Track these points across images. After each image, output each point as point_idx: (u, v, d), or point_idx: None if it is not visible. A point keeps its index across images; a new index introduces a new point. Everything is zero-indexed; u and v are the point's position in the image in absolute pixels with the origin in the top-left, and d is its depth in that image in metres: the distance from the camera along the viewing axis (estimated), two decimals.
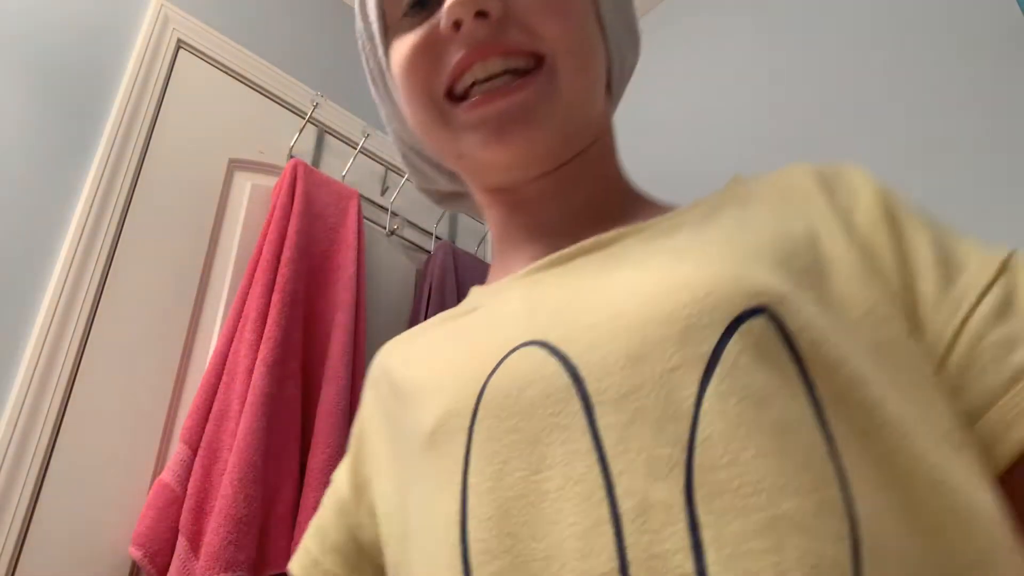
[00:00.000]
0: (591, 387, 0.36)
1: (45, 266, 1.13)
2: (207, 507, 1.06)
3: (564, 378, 0.37)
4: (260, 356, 1.16)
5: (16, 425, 1.01)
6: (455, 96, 0.47)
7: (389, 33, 0.51)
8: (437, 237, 1.76)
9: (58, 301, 1.10)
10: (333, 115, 1.66)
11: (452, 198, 0.62)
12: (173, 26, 1.44)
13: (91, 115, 1.27)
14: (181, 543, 1.03)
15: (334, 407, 1.22)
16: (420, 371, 0.46)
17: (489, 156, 0.47)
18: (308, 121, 1.57)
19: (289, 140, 1.55)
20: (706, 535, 0.31)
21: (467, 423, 0.39)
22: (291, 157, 1.53)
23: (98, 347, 1.13)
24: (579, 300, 0.41)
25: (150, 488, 1.10)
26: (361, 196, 1.61)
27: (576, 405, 0.36)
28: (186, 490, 1.07)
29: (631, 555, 0.31)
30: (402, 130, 0.58)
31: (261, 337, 1.19)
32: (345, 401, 1.24)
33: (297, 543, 1.08)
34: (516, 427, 0.37)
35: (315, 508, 1.11)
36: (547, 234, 0.51)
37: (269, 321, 1.21)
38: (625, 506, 0.32)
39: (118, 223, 1.22)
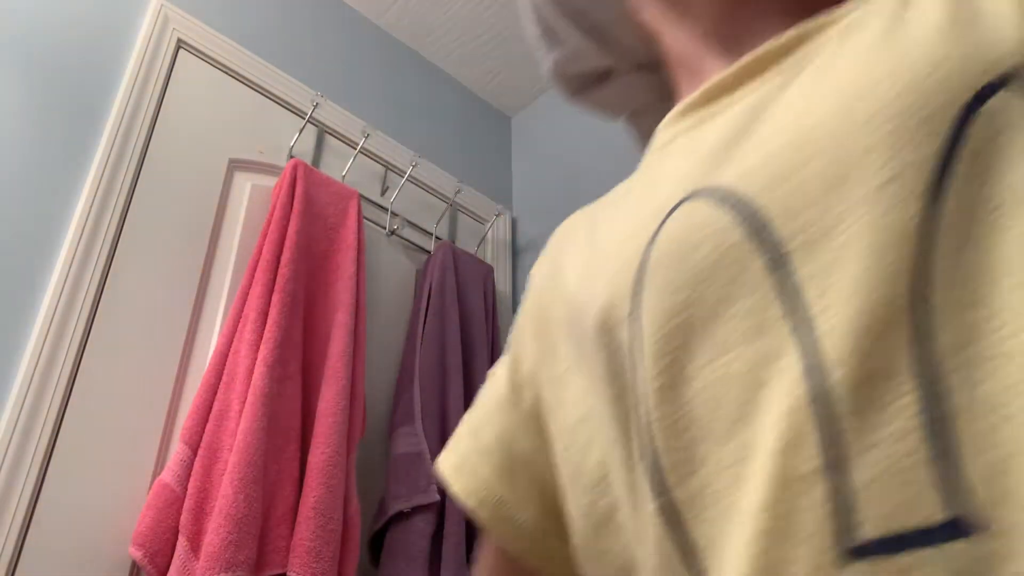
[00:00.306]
0: (780, 231, 0.28)
1: (45, 266, 1.13)
2: (207, 507, 1.06)
3: (739, 231, 0.29)
4: (260, 356, 1.16)
5: (16, 425, 1.01)
6: None
7: None
8: (437, 237, 1.76)
9: (58, 301, 1.10)
10: (333, 115, 1.66)
11: (595, 84, 0.52)
12: (173, 26, 1.44)
13: (91, 115, 1.27)
14: (181, 543, 1.03)
15: (334, 407, 1.22)
16: (584, 254, 0.40)
17: None
18: (308, 121, 1.57)
19: (289, 140, 1.55)
20: (952, 403, 0.22)
21: (627, 311, 0.32)
22: (291, 157, 1.53)
23: (98, 347, 1.13)
24: (752, 127, 0.32)
25: (150, 488, 1.10)
26: (361, 196, 1.61)
27: (758, 262, 0.28)
28: (186, 490, 1.07)
29: (842, 446, 0.24)
30: None
31: (261, 337, 1.19)
32: (345, 401, 1.24)
33: (297, 543, 1.09)
34: (685, 305, 0.30)
35: (315, 508, 1.11)
36: (741, 48, 0.40)
37: (269, 321, 1.21)
38: (831, 381, 0.25)
39: (118, 223, 1.22)
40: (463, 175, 1.93)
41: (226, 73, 1.50)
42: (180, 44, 1.44)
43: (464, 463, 0.44)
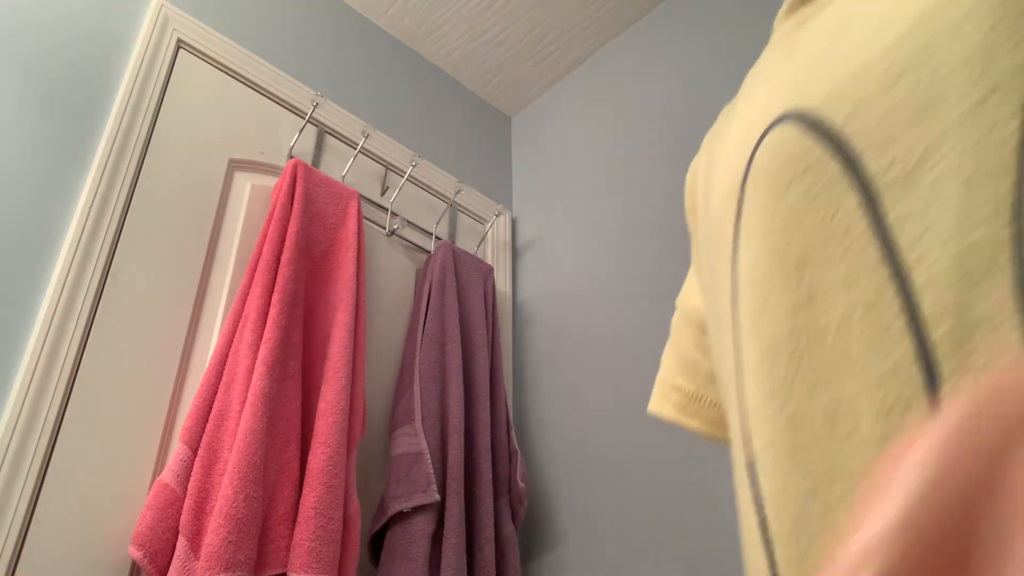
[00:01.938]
0: (871, 166, 0.25)
1: (45, 266, 1.13)
2: (207, 507, 1.06)
3: (832, 165, 0.26)
4: (260, 356, 1.16)
5: (16, 425, 1.01)
6: None
7: None
8: (437, 237, 1.76)
9: (58, 301, 1.10)
10: (333, 115, 1.66)
11: None
12: (173, 26, 1.44)
13: (91, 115, 1.27)
14: (181, 543, 1.03)
15: (334, 407, 1.22)
16: (712, 153, 0.36)
17: None
18: (308, 121, 1.57)
19: (289, 140, 1.55)
20: None
21: (731, 240, 0.30)
22: (291, 157, 1.53)
23: (98, 347, 1.13)
24: (842, 35, 0.29)
25: (150, 488, 1.10)
26: (361, 196, 1.61)
27: (852, 200, 0.26)
28: (186, 490, 1.07)
29: None
30: None
31: (261, 337, 1.19)
32: (345, 401, 1.24)
33: (297, 543, 1.09)
34: (779, 245, 0.27)
35: (315, 508, 1.11)
36: None
37: (269, 321, 1.21)
38: (935, 335, 0.22)
39: (118, 223, 1.22)
40: (463, 175, 1.93)
41: (226, 73, 1.51)
42: (180, 44, 1.44)
43: (693, 400, 0.43)
